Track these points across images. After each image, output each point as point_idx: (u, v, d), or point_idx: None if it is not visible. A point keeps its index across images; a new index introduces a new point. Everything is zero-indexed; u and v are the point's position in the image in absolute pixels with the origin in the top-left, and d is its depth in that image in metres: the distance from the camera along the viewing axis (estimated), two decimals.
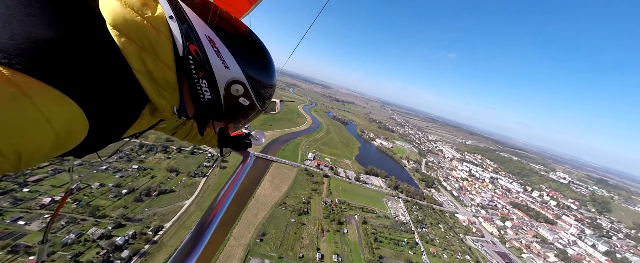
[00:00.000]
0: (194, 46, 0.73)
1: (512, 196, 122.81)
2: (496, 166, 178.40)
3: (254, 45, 0.86)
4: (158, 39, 0.68)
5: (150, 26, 0.66)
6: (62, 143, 0.55)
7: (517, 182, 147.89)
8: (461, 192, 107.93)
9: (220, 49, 0.76)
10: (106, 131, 0.70)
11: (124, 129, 0.78)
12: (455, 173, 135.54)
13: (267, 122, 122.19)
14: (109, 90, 0.64)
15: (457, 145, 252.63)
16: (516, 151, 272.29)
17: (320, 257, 45.10)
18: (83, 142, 0.63)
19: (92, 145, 0.72)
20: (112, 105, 0.66)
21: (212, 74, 0.77)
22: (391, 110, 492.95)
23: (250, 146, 1.75)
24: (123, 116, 0.73)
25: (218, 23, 0.77)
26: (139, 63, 0.67)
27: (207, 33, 0.74)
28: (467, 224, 78.99)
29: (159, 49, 0.69)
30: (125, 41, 0.64)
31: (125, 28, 0.64)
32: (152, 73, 0.70)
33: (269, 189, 62.21)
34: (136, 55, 0.66)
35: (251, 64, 0.83)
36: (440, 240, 64.62)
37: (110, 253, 33.16)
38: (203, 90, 0.80)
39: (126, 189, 45.56)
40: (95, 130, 0.63)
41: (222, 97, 0.83)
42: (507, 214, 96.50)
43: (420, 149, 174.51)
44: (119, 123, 0.73)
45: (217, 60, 0.76)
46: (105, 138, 0.74)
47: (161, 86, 0.74)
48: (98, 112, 0.61)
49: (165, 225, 41.20)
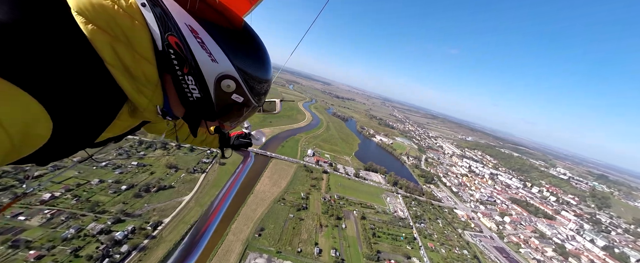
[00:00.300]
0: (174, 38, 0.63)
1: (511, 192, 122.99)
2: (496, 162, 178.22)
3: (245, 35, 0.76)
4: (132, 27, 0.59)
5: (122, 12, 0.58)
6: (17, 149, 0.46)
7: (517, 178, 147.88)
8: (460, 188, 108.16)
9: (205, 39, 0.66)
10: (74, 134, 0.60)
11: (97, 131, 0.68)
12: (455, 170, 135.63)
13: (267, 119, 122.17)
14: (78, 86, 0.54)
15: (458, 141, 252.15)
16: (517, 147, 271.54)
17: (319, 252, 45.53)
18: (46, 147, 0.53)
19: (58, 151, 0.62)
20: (82, 104, 0.56)
21: (198, 70, 0.67)
22: (392, 107, 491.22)
23: (250, 146, 1.73)
24: (96, 116, 0.63)
25: (201, 9, 0.67)
26: (111, 55, 0.58)
27: (187, 22, 0.64)
28: (465, 219, 79.35)
29: (134, 39, 0.60)
30: (94, 29, 0.55)
31: (93, 14, 0.55)
32: (129, 67, 0.61)
33: (268, 185, 62.53)
34: (108, 46, 0.57)
35: (242, 55, 0.73)
36: (438, 235, 65.02)
37: (109, 248, 33.55)
38: (190, 88, 0.71)
39: (125, 185, 45.91)
40: (61, 133, 0.54)
41: (212, 94, 0.73)
42: (506, 210, 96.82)
43: (420, 145, 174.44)
44: (91, 124, 0.63)
45: (203, 53, 0.66)
46: (74, 143, 0.64)
47: (140, 82, 0.65)
48: (64, 112, 0.52)
49: (165, 220, 41.58)
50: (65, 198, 39.26)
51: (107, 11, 0.56)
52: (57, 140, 0.54)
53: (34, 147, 0.51)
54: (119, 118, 0.71)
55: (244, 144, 1.71)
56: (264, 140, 1.80)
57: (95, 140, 0.72)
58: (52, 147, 0.55)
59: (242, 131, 1.77)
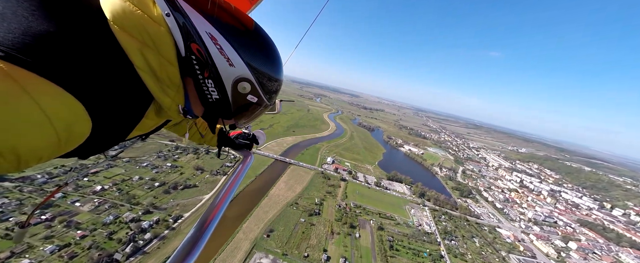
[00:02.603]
0: (196, 45, 0.68)
1: (580, 213, 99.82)
2: (559, 177, 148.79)
3: (258, 38, 0.80)
4: (158, 33, 0.64)
5: (150, 20, 0.63)
6: (63, 144, 0.52)
7: (589, 197, 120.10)
8: (507, 205, 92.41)
9: (223, 45, 0.70)
10: (110, 131, 0.66)
11: (128, 129, 0.74)
12: (501, 183, 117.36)
13: (290, 128, 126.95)
14: (112, 88, 0.60)
15: (507, 153, 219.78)
16: (590, 160, 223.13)
17: (327, 259, 43.46)
18: (86, 142, 0.59)
19: (96, 146, 0.68)
20: (115, 104, 0.62)
21: (217, 74, 0.73)
22: (426, 117, 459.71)
23: (250, 146, 1.74)
24: (127, 115, 0.69)
25: (218, 15, 0.72)
26: (140, 60, 0.64)
27: (207, 29, 0.69)
28: (512, 241, 66.71)
29: (160, 45, 0.65)
30: (126, 37, 0.61)
31: (126, 23, 0.61)
32: (155, 70, 0.67)
33: (283, 189, 63.62)
34: (137, 51, 0.63)
35: (257, 58, 0.78)
36: (473, 256, 55.82)
37: (136, 234, 38.08)
38: (210, 91, 0.77)
39: (158, 182, 52.27)
40: (99, 130, 0.60)
41: (229, 96, 0.79)
42: (571, 233, 78.47)
43: (457, 156, 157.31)
44: (123, 123, 0.69)
45: (221, 59, 0.71)
46: (110, 138, 0.70)
47: (165, 84, 0.70)
48: (101, 111, 0.58)
49: (185, 214, 45.54)
50: (111, 191, 46.58)
51: (138, 20, 0.61)
52: (96, 137, 0.60)
53: (77, 143, 0.56)
54: (147, 117, 0.77)
55: (244, 144, 1.71)
56: (264, 140, 1.80)
57: (127, 136, 0.77)
58: (91, 142, 0.60)
59: (240, 131, 1.78)
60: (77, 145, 0.57)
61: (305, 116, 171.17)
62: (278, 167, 76.15)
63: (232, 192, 0.90)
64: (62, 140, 0.50)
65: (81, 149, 0.62)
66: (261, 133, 1.78)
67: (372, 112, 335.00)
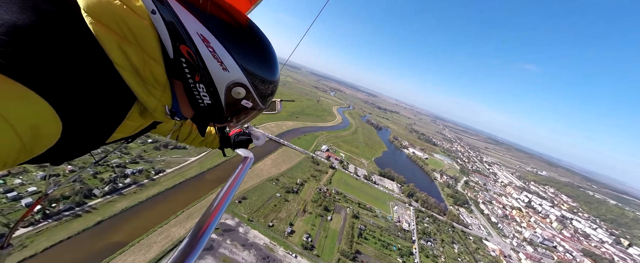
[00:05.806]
0: (186, 47, 0.61)
1: (589, 243, 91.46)
2: (576, 205, 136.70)
3: (253, 38, 0.72)
4: (141, 27, 0.56)
5: (130, 12, 0.55)
6: (29, 148, 0.45)
7: (605, 230, 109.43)
8: (504, 221, 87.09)
9: (216, 48, 0.63)
10: (85, 134, 0.58)
11: (108, 131, 0.65)
12: (505, 200, 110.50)
13: (294, 114, 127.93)
14: (87, 86, 0.52)
15: (523, 172, 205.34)
16: (619, 195, 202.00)
17: (290, 232, 44.30)
18: (58, 147, 0.52)
19: (71, 150, 0.61)
20: (91, 104, 0.54)
21: (209, 78, 0.66)
22: (443, 125, 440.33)
23: (250, 143, 1.71)
24: (106, 116, 0.60)
25: (211, 13, 0.64)
26: (120, 56, 0.56)
27: (199, 30, 0.61)
28: (497, 255, 63.21)
29: (142, 40, 0.57)
30: (103, 30, 0.53)
31: (101, 13, 0.53)
32: (137, 68, 0.59)
33: (269, 166, 65.05)
34: (116, 46, 0.55)
35: (252, 61, 0.70)
36: (448, 260, 53.79)
37: (118, 178, 41.40)
38: (201, 96, 0.69)
39: (152, 139, 55.86)
40: (71, 134, 0.52)
41: (223, 101, 0.72)
42: (568, 261, 72.42)
43: (464, 167, 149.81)
44: (101, 124, 0.61)
45: (214, 63, 0.64)
46: (86, 142, 0.62)
47: (149, 83, 0.63)
48: (73, 111, 0.50)
49: (167, 170, 48.50)
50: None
51: (116, 10, 0.54)
52: (68, 140, 0.53)
53: (45, 146, 0.49)
54: (129, 118, 0.70)
55: (244, 142, 1.67)
56: (264, 141, 1.76)
57: (107, 140, 0.70)
58: (63, 146, 0.54)
59: (240, 129, 1.74)
60: (47, 148, 0.50)
61: (313, 106, 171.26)
62: (270, 146, 77.54)
63: (231, 193, 0.85)
64: (27, 144, 0.44)
65: (54, 153, 0.55)
66: (261, 134, 1.71)
67: (386, 112, 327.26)
